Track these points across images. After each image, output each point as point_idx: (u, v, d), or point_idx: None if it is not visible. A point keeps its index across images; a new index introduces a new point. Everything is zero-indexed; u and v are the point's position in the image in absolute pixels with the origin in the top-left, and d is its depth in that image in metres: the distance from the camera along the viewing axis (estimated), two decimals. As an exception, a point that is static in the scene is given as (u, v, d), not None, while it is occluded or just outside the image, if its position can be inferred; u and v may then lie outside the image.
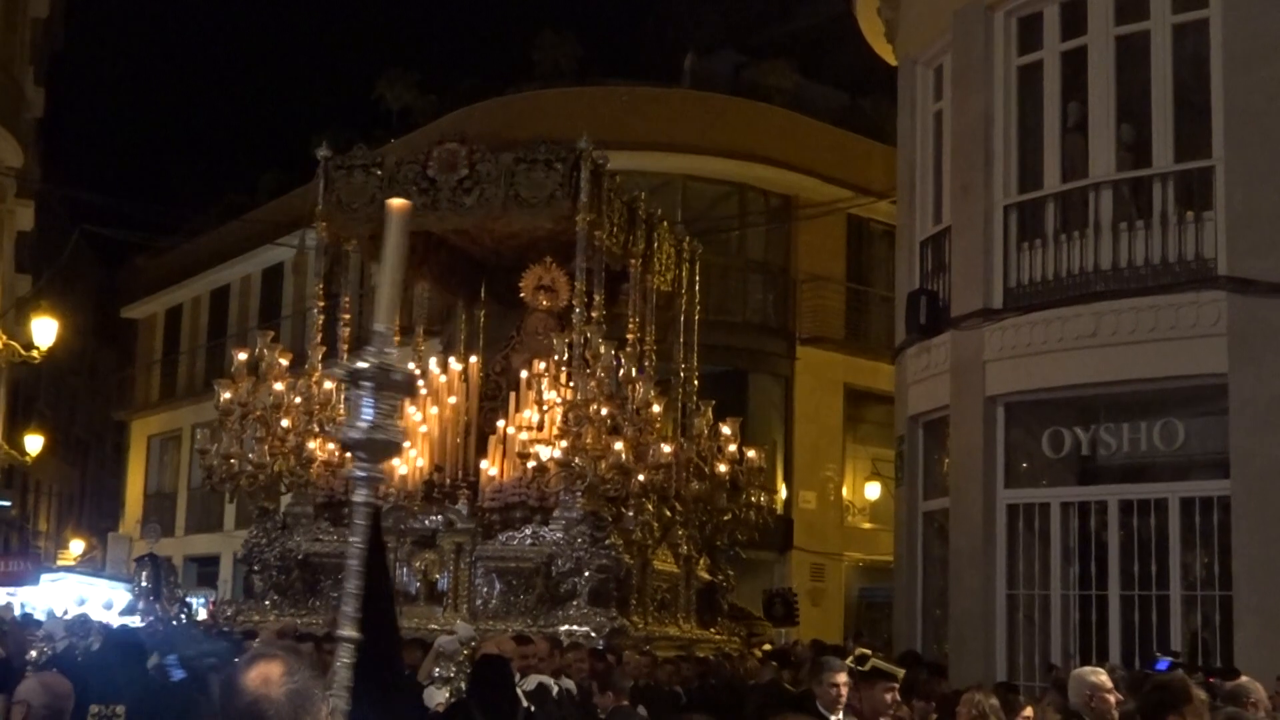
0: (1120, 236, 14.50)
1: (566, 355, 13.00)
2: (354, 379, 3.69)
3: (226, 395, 13.48)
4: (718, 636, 15.10)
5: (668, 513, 13.75)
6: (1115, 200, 14.67)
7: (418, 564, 12.87)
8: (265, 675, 3.45)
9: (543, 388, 13.03)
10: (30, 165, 30.06)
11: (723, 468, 14.97)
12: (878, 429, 26.55)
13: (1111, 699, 7.89)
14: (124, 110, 79.17)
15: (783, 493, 28.04)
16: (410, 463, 13.61)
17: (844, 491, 29.08)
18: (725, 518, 15.57)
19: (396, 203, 3.86)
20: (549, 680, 9.65)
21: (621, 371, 12.97)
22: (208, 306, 39.69)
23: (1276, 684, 10.14)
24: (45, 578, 29.76)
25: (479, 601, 12.87)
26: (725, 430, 15.36)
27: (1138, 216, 14.53)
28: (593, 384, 12.61)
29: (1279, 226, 13.49)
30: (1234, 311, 13.55)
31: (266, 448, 13.22)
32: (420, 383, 14.47)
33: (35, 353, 23.05)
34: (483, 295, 16.86)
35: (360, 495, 3.77)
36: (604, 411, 12.55)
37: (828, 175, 27.96)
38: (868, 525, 28.98)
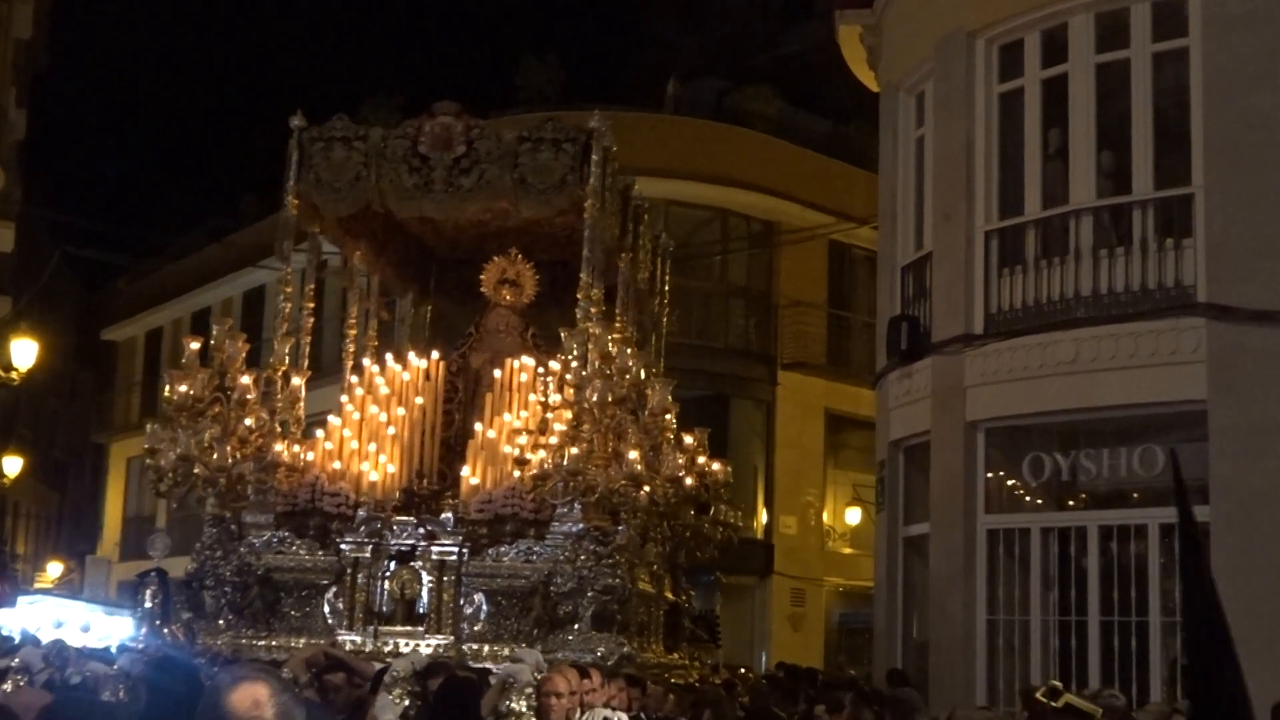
0: (1100, 263, 14.55)
1: (575, 352, 11.79)
2: None
3: (182, 388, 11.82)
4: (683, 661, 14.10)
5: (639, 528, 12.53)
6: (1095, 227, 14.72)
7: (394, 581, 11.75)
8: (255, 697, 3.44)
9: (548, 388, 12.02)
10: (11, 187, 30.00)
11: (689, 481, 13.62)
12: (859, 454, 26.59)
13: None
14: (106, 132, 79.13)
15: (763, 518, 28.06)
16: (381, 468, 12.60)
17: (825, 517, 29.10)
18: (687, 534, 14.55)
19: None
20: (613, 714, 9.01)
21: (629, 375, 11.80)
22: (188, 329, 39.55)
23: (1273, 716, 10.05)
24: (22, 600, 29.60)
25: (463, 623, 11.73)
26: (689, 440, 13.98)
27: (1118, 243, 14.59)
28: (604, 386, 11.50)
29: (1258, 254, 13.56)
30: (1213, 338, 13.60)
31: (228, 448, 11.86)
32: (380, 381, 13.57)
33: (14, 374, 22.98)
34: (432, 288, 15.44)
35: None
36: (616, 416, 11.46)
37: (810, 201, 28.04)
38: (848, 550, 28.98)
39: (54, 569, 44.50)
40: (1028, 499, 15.47)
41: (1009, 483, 15.56)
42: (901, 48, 17.64)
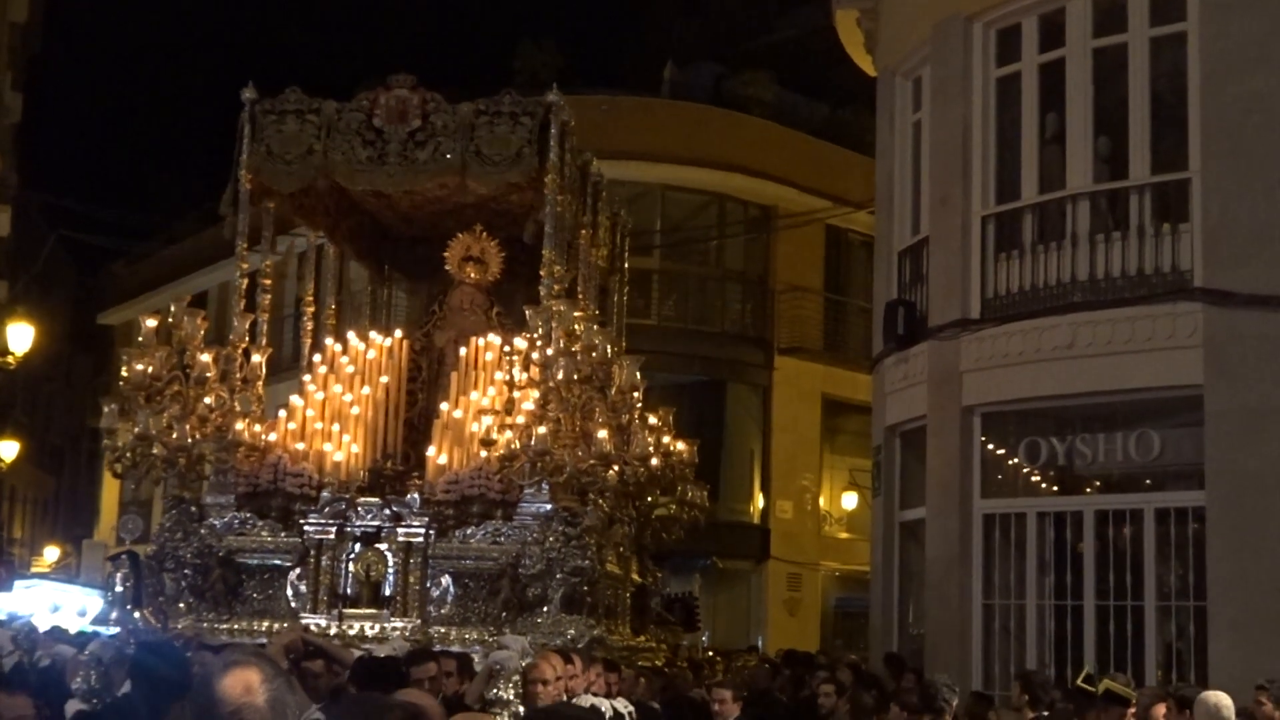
0: (1097, 248, 14.54)
1: (540, 331, 11.63)
2: None
3: (139, 366, 11.55)
4: (650, 643, 13.86)
5: (606, 509, 12.41)
6: (1092, 212, 14.71)
7: (359, 563, 11.48)
8: (247, 683, 3.44)
9: (513, 367, 11.81)
10: (7, 170, 29.98)
11: (655, 461, 13.36)
12: (855, 439, 26.60)
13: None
14: (103, 115, 78.96)
15: (760, 502, 28.09)
16: (345, 448, 12.36)
17: (821, 501, 29.13)
18: (655, 514, 14.41)
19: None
20: (599, 701, 9.02)
21: (595, 353, 11.63)
22: (185, 313, 39.54)
23: (1255, 694, 10.15)
24: (19, 584, 29.66)
25: (429, 606, 11.52)
26: (653, 420, 13.80)
27: (1114, 228, 14.58)
28: (570, 364, 11.33)
29: (1255, 239, 13.55)
30: (1210, 323, 13.60)
31: (188, 427, 11.62)
32: (344, 359, 13.36)
33: (11, 358, 22.96)
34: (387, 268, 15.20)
35: None
36: (582, 395, 11.34)
37: (807, 186, 28.02)
38: (844, 535, 29.03)
39: (51, 553, 44.53)
40: (1025, 483, 15.48)
41: (1005, 467, 15.57)
42: (898, 32, 17.62)
